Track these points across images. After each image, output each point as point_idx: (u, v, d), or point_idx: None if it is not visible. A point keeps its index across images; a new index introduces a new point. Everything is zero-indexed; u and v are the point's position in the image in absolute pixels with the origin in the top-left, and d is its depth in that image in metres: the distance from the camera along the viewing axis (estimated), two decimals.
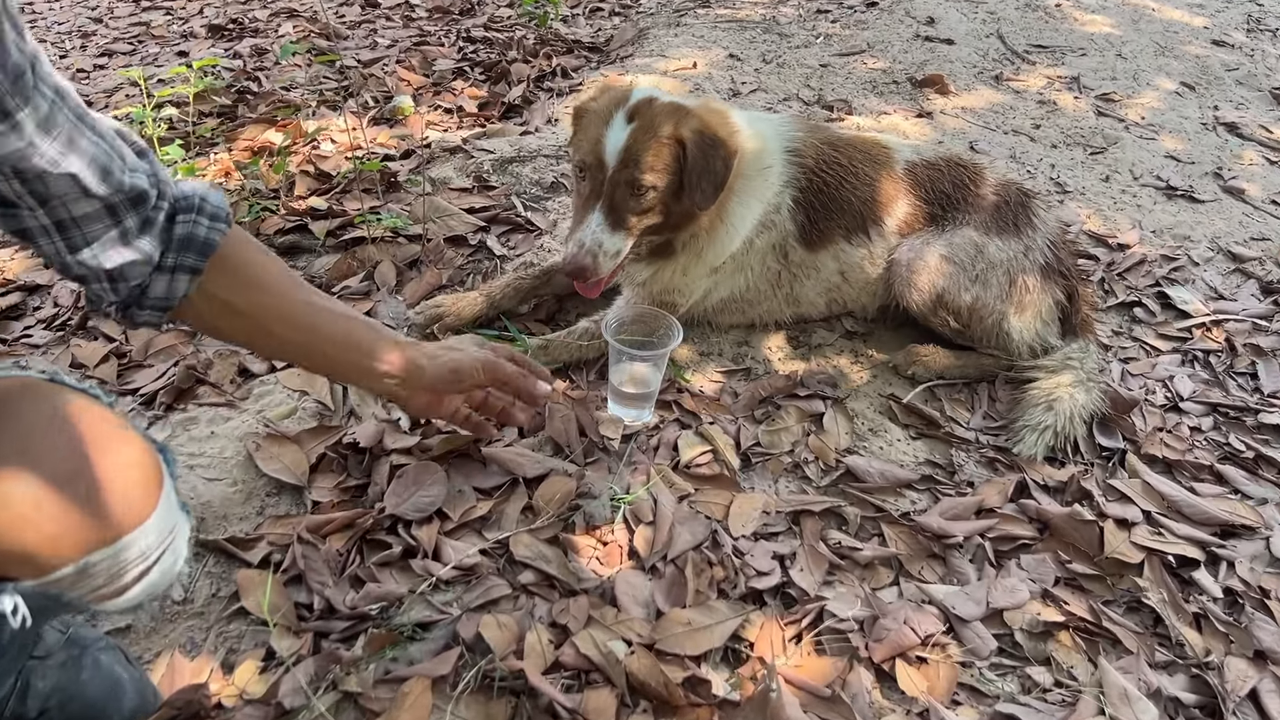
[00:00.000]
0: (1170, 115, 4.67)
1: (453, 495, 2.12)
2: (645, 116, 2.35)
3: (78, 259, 1.36)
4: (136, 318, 1.50)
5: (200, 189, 1.51)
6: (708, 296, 2.71)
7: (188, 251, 1.47)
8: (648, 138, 2.32)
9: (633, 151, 2.32)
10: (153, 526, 1.25)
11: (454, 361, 1.91)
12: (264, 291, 1.62)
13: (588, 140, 2.37)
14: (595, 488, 2.18)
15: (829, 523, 2.22)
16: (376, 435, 2.22)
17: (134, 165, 1.38)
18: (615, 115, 2.34)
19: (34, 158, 1.21)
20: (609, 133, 2.32)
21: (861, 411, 2.56)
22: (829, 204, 2.70)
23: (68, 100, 1.27)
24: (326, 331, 1.71)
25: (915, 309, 2.71)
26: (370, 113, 4.23)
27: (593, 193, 2.35)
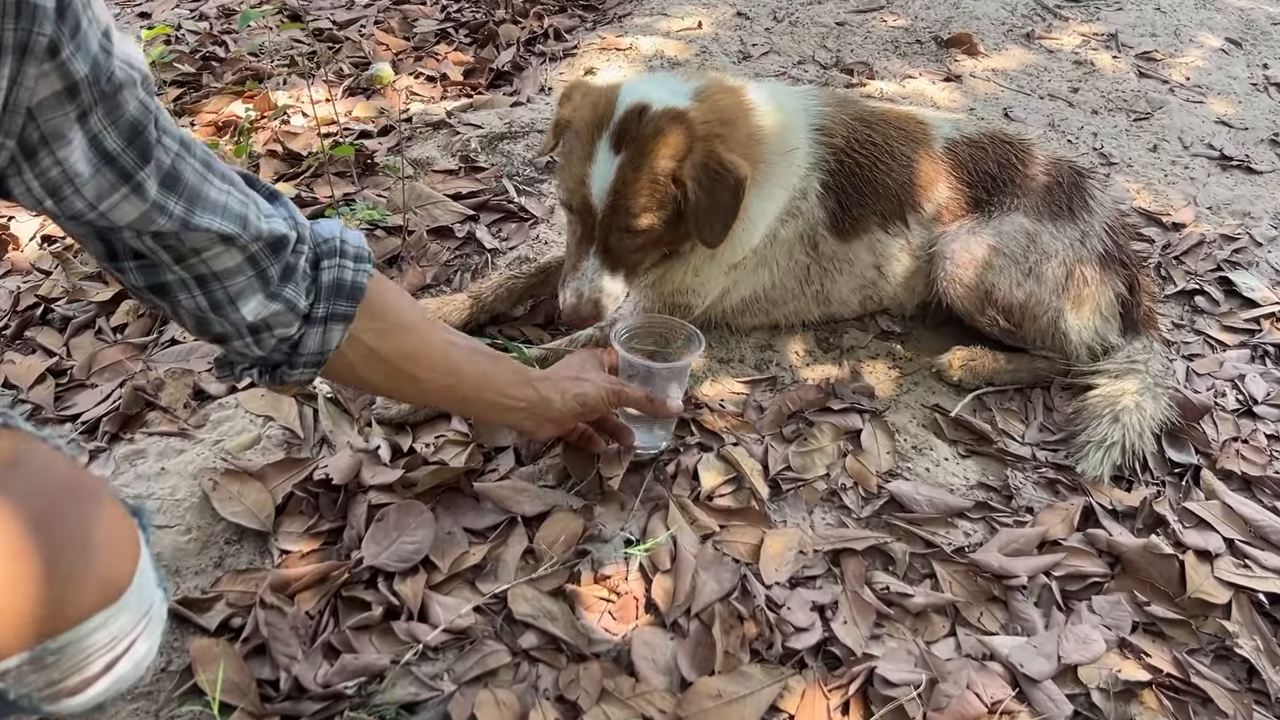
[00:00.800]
0: (1218, 75, 4.40)
1: (441, 539, 1.89)
2: (635, 144, 2.03)
3: (220, 315, 1.32)
4: (288, 377, 1.48)
5: (337, 229, 1.48)
6: (726, 296, 2.45)
7: (339, 299, 1.43)
8: (639, 176, 2.04)
9: (623, 195, 2.04)
10: (126, 606, 1.05)
11: (582, 396, 1.88)
12: (409, 334, 1.60)
13: (570, 178, 2.08)
14: (605, 528, 1.94)
15: (873, 562, 1.99)
16: (352, 469, 1.97)
17: (268, 210, 1.34)
18: (599, 142, 2.04)
19: (159, 220, 1.17)
20: (593, 170, 2.04)
21: (903, 426, 2.32)
22: (862, 188, 2.44)
23: (193, 151, 1.21)
24: (468, 373, 1.72)
25: (961, 307, 2.46)
26: (345, 82, 3.94)
27: (585, 235, 2.11)
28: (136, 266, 1.27)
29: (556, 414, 1.85)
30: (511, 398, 1.79)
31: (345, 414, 2.14)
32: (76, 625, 1.00)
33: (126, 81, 1.09)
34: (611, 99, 2.08)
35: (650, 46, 4.22)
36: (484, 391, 1.76)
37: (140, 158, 1.13)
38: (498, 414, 1.84)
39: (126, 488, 1.93)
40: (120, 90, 1.08)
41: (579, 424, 2.00)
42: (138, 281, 1.29)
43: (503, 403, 1.79)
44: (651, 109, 2.06)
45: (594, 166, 2.03)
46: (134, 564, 1.05)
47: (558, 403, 1.84)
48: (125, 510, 1.07)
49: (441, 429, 2.12)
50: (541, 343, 2.38)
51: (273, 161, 3.08)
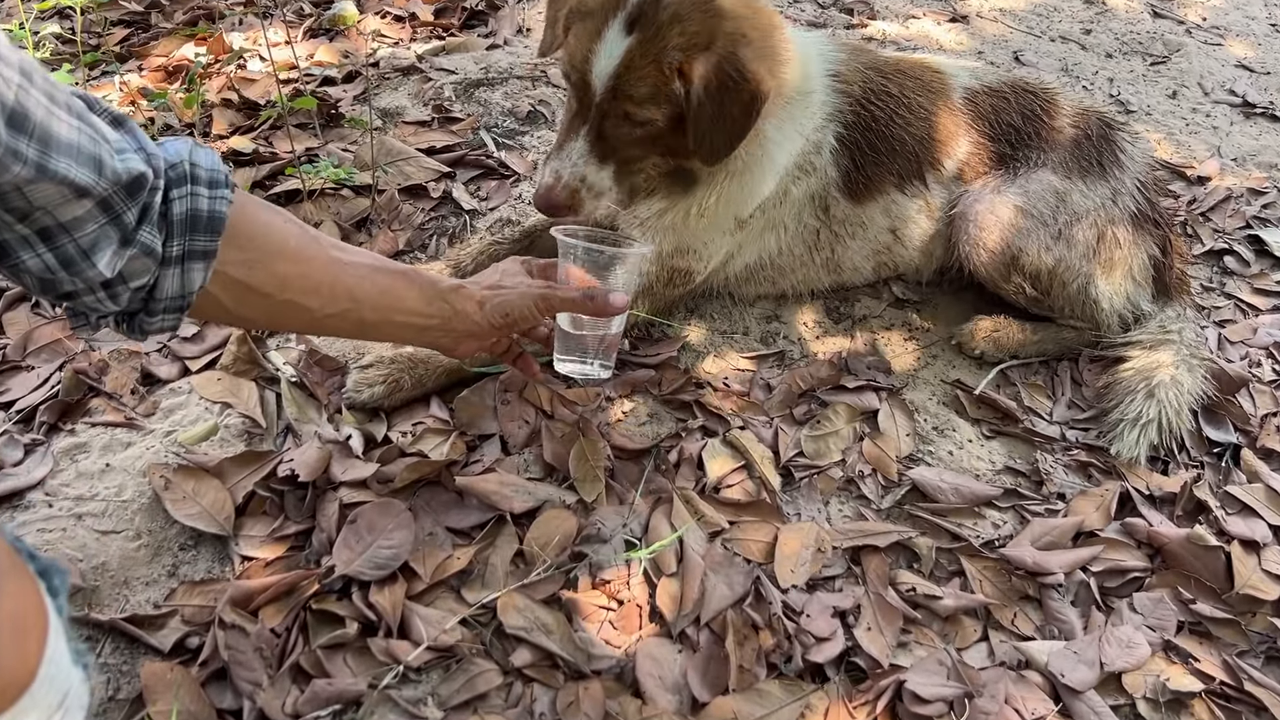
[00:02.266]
0: (1235, 15, 4.22)
1: (421, 542, 1.72)
2: (650, 26, 1.82)
3: (72, 273, 1.12)
4: (146, 326, 1.28)
5: (185, 150, 1.25)
6: (730, 262, 2.28)
7: (195, 233, 1.24)
8: (646, 63, 1.83)
9: (625, 79, 1.84)
10: (33, 703, 0.89)
11: (504, 304, 1.67)
12: (287, 260, 1.40)
13: (575, 52, 1.87)
14: (604, 526, 1.78)
15: (897, 559, 1.85)
16: (321, 463, 1.80)
17: (118, 144, 1.13)
18: (612, 21, 1.82)
19: (14, 167, 0.95)
20: (599, 47, 1.82)
21: (923, 405, 2.17)
22: (878, 144, 2.26)
23: (34, 80, 0.98)
24: (363, 294, 1.51)
25: (984, 274, 2.31)
26: (306, 22, 3.69)
27: (579, 114, 1.91)
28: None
29: (474, 327, 1.67)
30: (421, 314, 1.61)
31: (312, 399, 1.96)
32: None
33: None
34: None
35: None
36: (388, 312, 1.57)
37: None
38: (408, 335, 1.66)
39: (66, 488, 1.75)
40: None
41: (505, 337, 1.83)
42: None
43: (412, 322, 1.61)
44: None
45: (601, 44, 1.82)
46: (38, 654, 0.87)
47: (475, 315, 1.66)
48: (28, 576, 0.89)
49: (420, 414, 1.95)
50: None
51: (227, 112, 2.86)
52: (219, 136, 2.72)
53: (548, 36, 2.01)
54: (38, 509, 1.71)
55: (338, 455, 1.83)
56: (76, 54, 3.08)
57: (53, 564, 0.96)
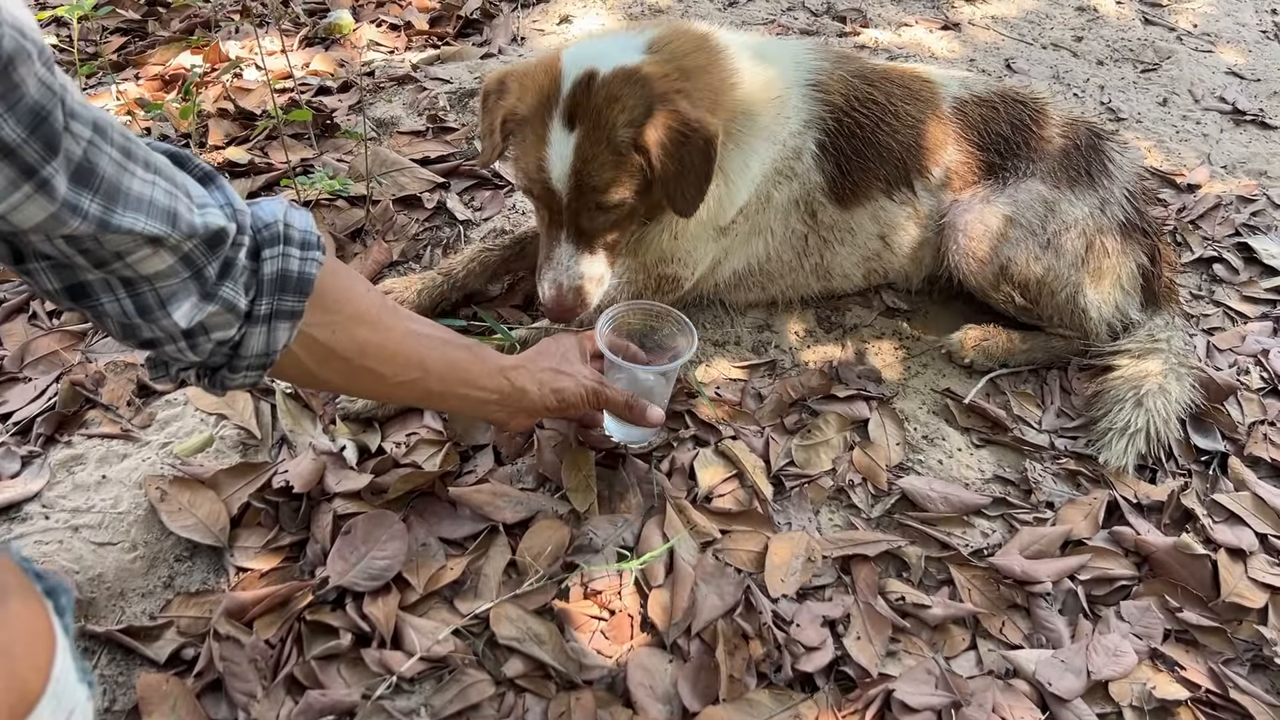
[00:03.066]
0: (1226, 22, 4.24)
1: (415, 553, 1.74)
2: (588, 115, 1.85)
3: (149, 320, 1.14)
4: (228, 381, 1.32)
5: (280, 210, 1.29)
6: (718, 269, 2.30)
7: (285, 293, 1.27)
8: (600, 151, 1.86)
9: (586, 174, 1.86)
10: (39, 719, 0.90)
11: (560, 392, 1.74)
12: (366, 326, 1.44)
13: (527, 164, 1.90)
14: (596, 536, 1.80)
15: (887, 568, 1.86)
16: (315, 475, 1.82)
17: (202, 199, 1.17)
18: (550, 122, 1.85)
19: (72, 221, 0.98)
20: (549, 152, 1.86)
21: (913, 414, 2.19)
22: (864, 150, 2.28)
23: (108, 135, 1.02)
24: (433, 364, 1.56)
25: (973, 283, 2.32)
26: (302, 31, 3.70)
27: (553, 220, 1.94)
28: (48, 267, 1.08)
29: (530, 406, 1.72)
30: (483, 389, 1.65)
31: (306, 410, 1.98)
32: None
33: (18, 53, 0.88)
34: (555, 73, 1.88)
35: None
36: (452, 384, 1.61)
37: (46, 149, 0.94)
38: (469, 407, 1.70)
39: (63, 500, 1.76)
40: (12, 65, 0.88)
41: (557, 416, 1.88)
42: (51, 284, 1.10)
43: (473, 395, 1.65)
44: (600, 74, 1.87)
45: (549, 149, 1.85)
46: (46, 671, 0.89)
47: (534, 394, 1.71)
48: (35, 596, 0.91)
49: (413, 425, 1.97)
50: (521, 323, 2.21)
51: (223, 122, 2.87)
52: (215, 147, 2.74)
53: (487, 146, 2.02)
54: (34, 521, 1.72)
55: (332, 466, 1.85)
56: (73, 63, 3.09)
57: (59, 583, 0.98)
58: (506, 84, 1.97)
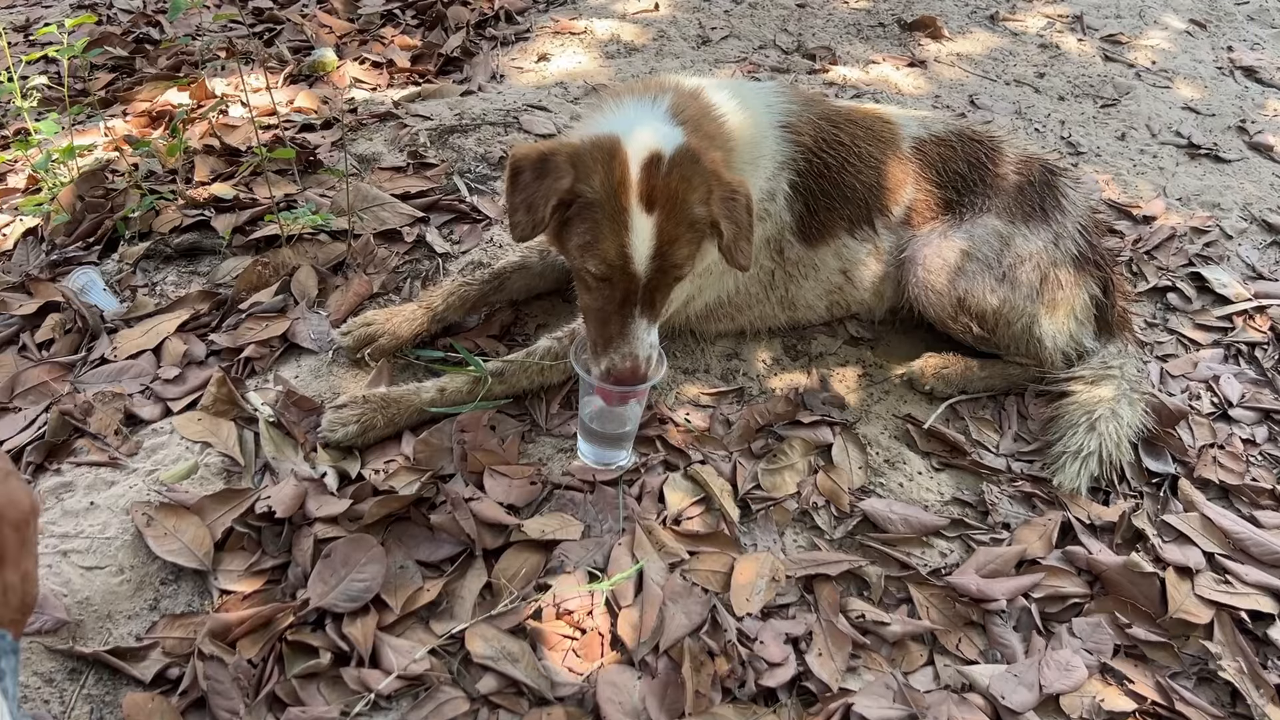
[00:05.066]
0: (1183, 59, 4.38)
1: (393, 575, 1.80)
2: (666, 199, 1.86)
3: None
4: None
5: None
6: (690, 303, 2.38)
7: None
8: (681, 231, 1.88)
9: (669, 253, 1.87)
10: None
11: None
12: None
13: (608, 252, 1.86)
14: (568, 558, 1.86)
15: (848, 587, 1.93)
16: (296, 500, 1.87)
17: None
18: (629, 206, 1.85)
19: None
20: (632, 238, 1.84)
21: (875, 438, 2.26)
22: (830, 191, 2.37)
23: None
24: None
25: (932, 314, 2.41)
26: (286, 68, 3.78)
27: (625, 299, 1.90)
28: None
29: None
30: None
31: (289, 438, 2.04)
32: None
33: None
34: (621, 156, 1.87)
35: (606, 30, 4.12)
36: None
37: None
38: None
39: (53, 525, 1.82)
40: None
41: None
42: None
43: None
44: (664, 156, 1.88)
45: (631, 235, 1.84)
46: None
47: None
48: None
49: (392, 452, 2.03)
50: (497, 355, 2.28)
51: (209, 159, 2.94)
52: (200, 183, 2.81)
53: (525, 220, 1.90)
54: None
55: (313, 492, 1.91)
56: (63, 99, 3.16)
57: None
58: (554, 163, 1.90)
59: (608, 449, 2.05)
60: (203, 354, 2.22)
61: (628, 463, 2.08)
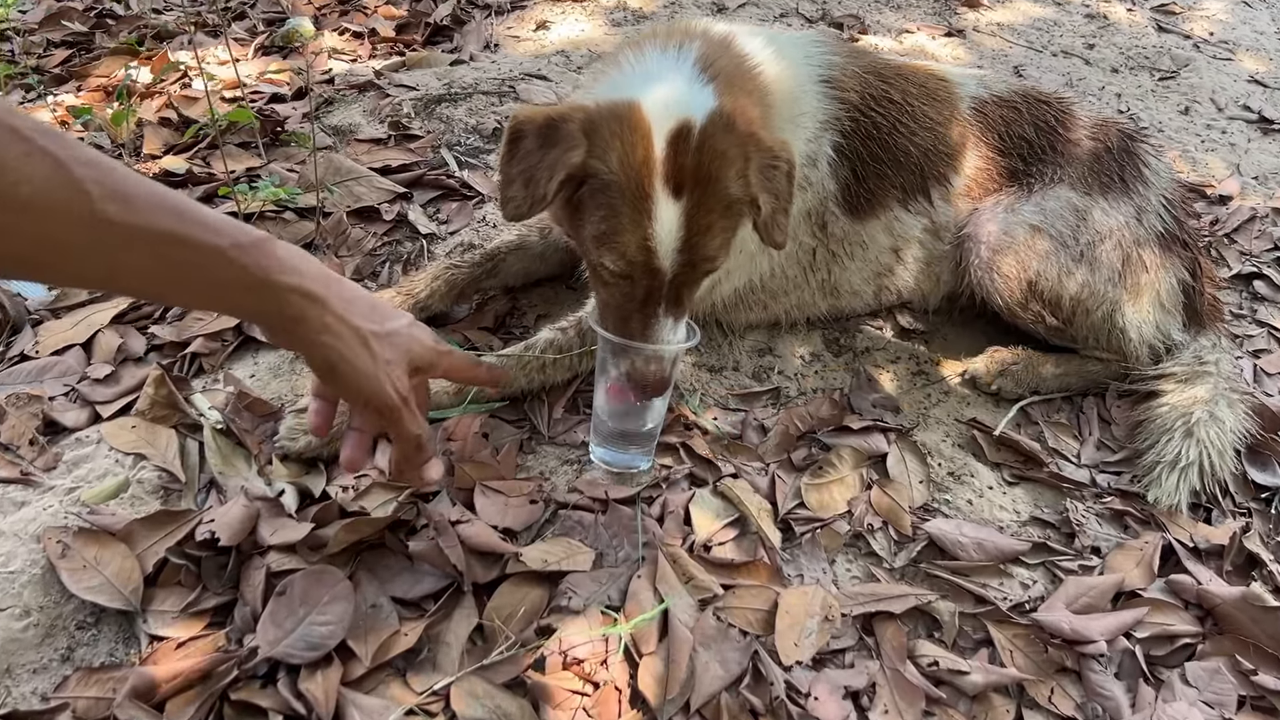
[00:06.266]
0: (1243, 30, 4.10)
1: (363, 617, 1.50)
2: (697, 181, 1.57)
3: None
4: None
5: None
6: (717, 287, 2.09)
7: None
8: (713, 218, 1.60)
9: (699, 244, 1.60)
10: None
11: (376, 363, 1.36)
12: None
13: (629, 245, 1.57)
14: (576, 594, 1.57)
15: (915, 627, 1.64)
16: (246, 524, 1.58)
17: None
18: (652, 191, 1.56)
19: None
20: (657, 228, 1.56)
21: (936, 447, 1.98)
22: (881, 155, 2.09)
23: None
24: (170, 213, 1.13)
25: (998, 300, 2.12)
26: (258, 39, 3.50)
27: (648, 297, 1.63)
28: None
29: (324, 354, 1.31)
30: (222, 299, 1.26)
31: (240, 449, 1.75)
32: None
33: None
34: (644, 128, 1.58)
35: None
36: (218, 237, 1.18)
37: None
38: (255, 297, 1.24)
39: None
40: None
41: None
42: None
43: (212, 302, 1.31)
44: (694, 125, 1.59)
45: (656, 224, 1.55)
46: None
47: (332, 338, 1.30)
48: None
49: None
50: (490, 349, 1.99)
51: (162, 131, 2.66)
52: (151, 156, 2.52)
53: (522, 196, 1.60)
54: None
55: (267, 514, 1.62)
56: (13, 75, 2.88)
57: None
58: (564, 131, 1.59)
59: (626, 450, 1.77)
60: (142, 349, 1.93)
61: (648, 468, 1.79)
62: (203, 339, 1.93)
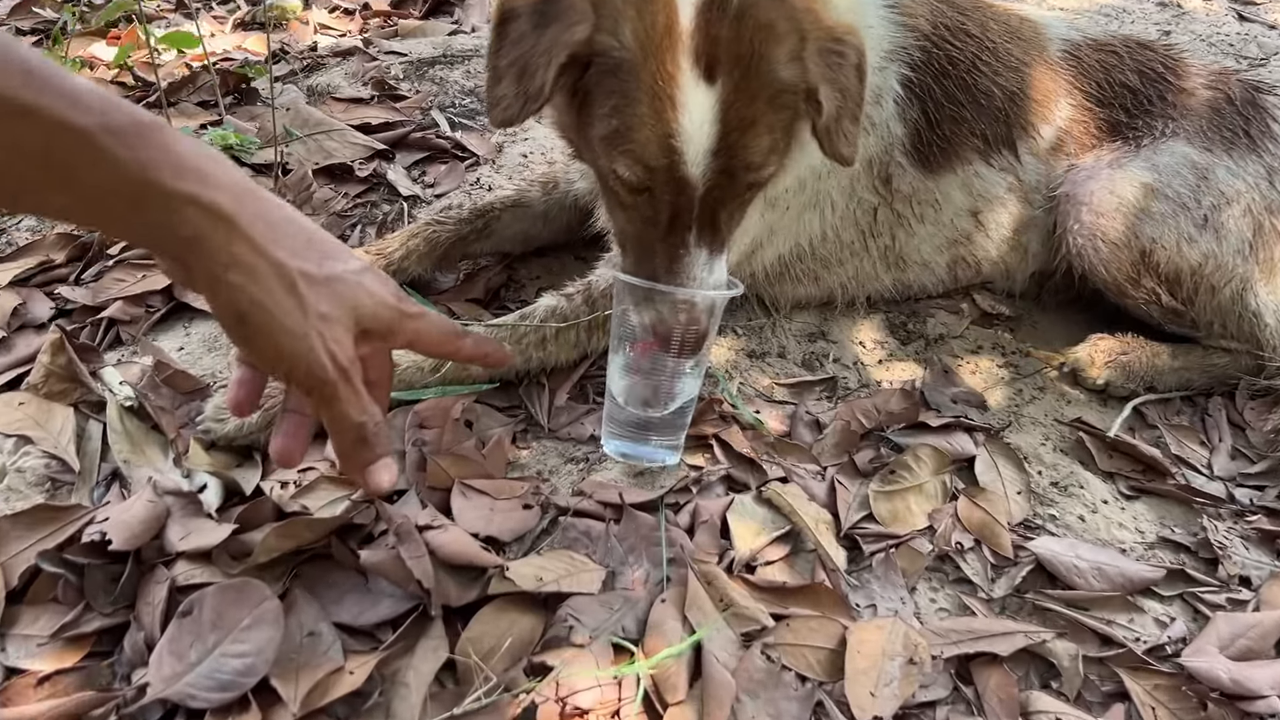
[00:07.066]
0: None
1: (295, 648, 1.15)
2: (735, 59, 1.25)
3: None
4: None
5: None
6: (758, 253, 1.75)
7: None
8: (757, 109, 1.27)
9: (739, 148, 1.27)
10: None
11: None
12: None
13: (642, 144, 1.25)
14: (579, 622, 1.21)
15: (1027, 674, 1.28)
16: (150, 525, 1.24)
17: None
18: (677, 73, 1.23)
19: None
20: (681, 122, 1.24)
21: (1034, 452, 1.62)
22: (958, 96, 1.77)
23: None
24: None
25: (1103, 275, 1.78)
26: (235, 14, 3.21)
27: (675, 219, 1.31)
28: None
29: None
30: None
31: (154, 433, 1.40)
32: None
33: None
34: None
35: None
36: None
37: None
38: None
39: None
40: None
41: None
42: None
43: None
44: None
45: (683, 118, 1.24)
46: None
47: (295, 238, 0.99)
48: None
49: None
50: (480, 320, 1.65)
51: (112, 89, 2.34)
52: None
53: (513, 94, 1.28)
54: None
55: (179, 513, 1.27)
56: None
57: None
58: (566, 3, 1.27)
59: (647, 441, 1.42)
60: (46, 314, 1.60)
61: (676, 464, 1.44)
62: (123, 303, 1.60)
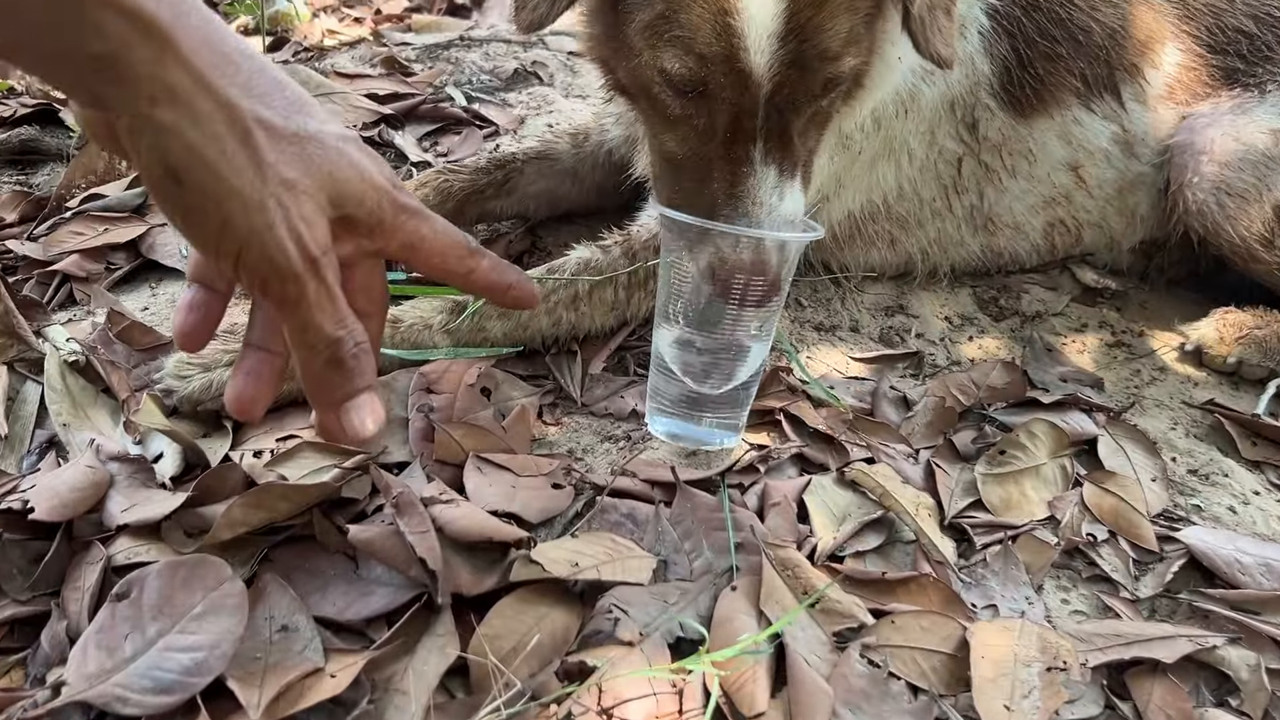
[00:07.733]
0: None
1: (261, 643, 0.91)
2: None
3: None
4: None
5: None
6: (824, 207, 1.53)
7: None
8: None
9: (810, 31, 1.06)
10: None
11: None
12: None
13: (695, 26, 1.05)
14: (628, 614, 0.96)
15: (1195, 685, 1.02)
16: (87, 495, 1.01)
17: None
18: None
19: None
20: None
21: (1164, 437, 1.38)
22: (1052, 29, 1.58)
23: None
24: None
25: (1228, 238, 1.56)
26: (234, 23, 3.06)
27: (736, 129, 1.10)
28: None
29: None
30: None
31: (104, 395, 1.18)
32: None
33: None
34: None
35: None
36: None
37: None
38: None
39: None
40: None
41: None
42: None
43: None
44: None
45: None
46: None
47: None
48: None
49: (295, 422, 1.16)
50: None
51: None
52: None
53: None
54: None
55: (124, 482, 1.04)
56: None
57: None
58: None
59: (699, 421, 1.19)
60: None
61: (734, 445, 1.21)
62: (79, 257, 1.39)
